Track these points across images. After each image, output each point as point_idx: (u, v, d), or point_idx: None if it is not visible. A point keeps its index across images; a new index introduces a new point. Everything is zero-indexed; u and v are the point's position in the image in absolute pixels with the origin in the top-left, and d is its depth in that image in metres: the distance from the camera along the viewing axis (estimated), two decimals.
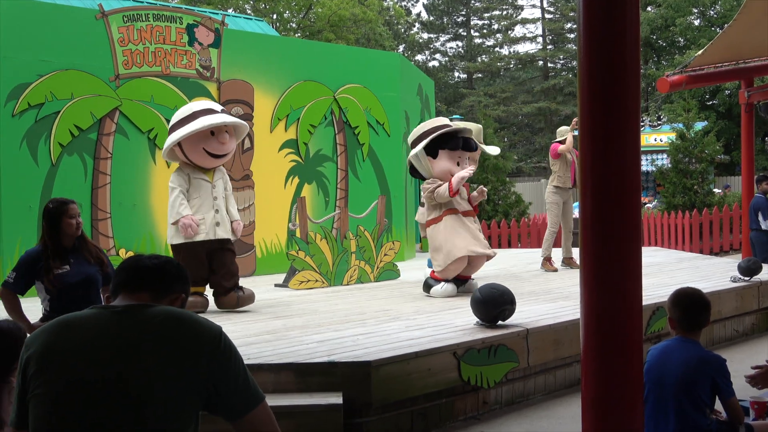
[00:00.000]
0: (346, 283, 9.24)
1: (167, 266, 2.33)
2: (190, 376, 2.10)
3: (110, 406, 2.03)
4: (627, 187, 2.76)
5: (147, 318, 2.15)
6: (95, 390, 2.04)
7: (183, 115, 7.24)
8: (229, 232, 7.25)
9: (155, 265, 2.31)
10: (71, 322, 2.17)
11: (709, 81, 13.01)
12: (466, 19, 47.88)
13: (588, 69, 2.78)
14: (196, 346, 2.13)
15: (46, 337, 2.15)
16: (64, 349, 2.10)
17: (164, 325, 2.15)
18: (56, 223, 4.70)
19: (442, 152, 8.00)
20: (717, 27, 29.99)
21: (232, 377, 2.17)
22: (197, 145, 7.11)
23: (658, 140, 24.63)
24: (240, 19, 18.47)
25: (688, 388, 3.70)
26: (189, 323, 2.18)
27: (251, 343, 5.43)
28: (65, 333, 2.14)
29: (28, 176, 8.96)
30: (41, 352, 2.11)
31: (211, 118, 7.12)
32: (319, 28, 30.18)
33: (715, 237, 16.81)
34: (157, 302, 2.24)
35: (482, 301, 5.74)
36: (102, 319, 2.16)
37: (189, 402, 2.10)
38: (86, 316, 2.18)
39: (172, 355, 2.10)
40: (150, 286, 2.27)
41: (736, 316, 7.99)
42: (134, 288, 2.25)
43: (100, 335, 2.12)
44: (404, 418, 4.98)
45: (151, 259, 2.33)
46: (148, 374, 2.06)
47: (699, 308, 3.86)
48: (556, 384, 6.07)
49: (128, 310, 2.17)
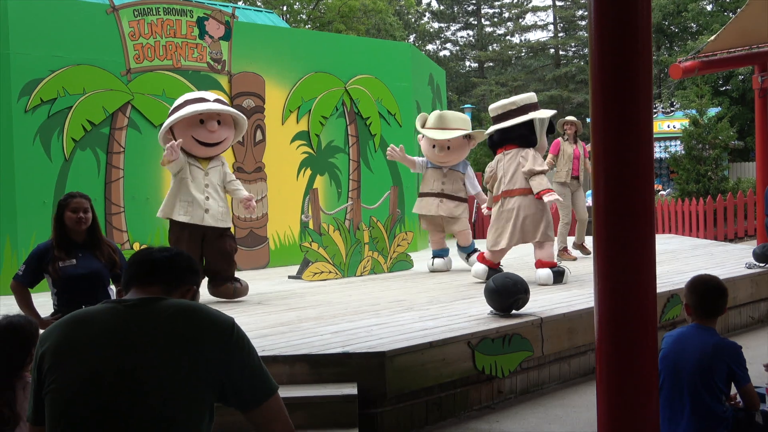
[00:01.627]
0: (359, 274, 9.25)
1: (178, 258, 2.33)
2: (203, 367, 2.10)
3: (125, 399, 2.04)
4: (640, 174, 2.75)
5: (159, 310, 2.16)
6: (110, 383, 2.05)
7: (177, 103, 7.38)
8: (218, 221, 7.23)
9: (166, 257, 2.31)
10: (85, 317, 2.18)
11: (722, 66, 12.89)
12: (477, 8, 47.67)
13: (600, 56, 2.76)
14: (209, 337, 2.14)
15: (61, 332, 2.15)
16: (79, 343, 2.11)
17: (177, 317, 2.15)
18: (60, 216, 4.75)
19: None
20: (730, 12, 29.76)
21: (245, 368, 2.17)
22: (186, 133, 7.21)
23: (671, 127, 24.49)
24: (250, 11, 18.45)
25: (704, 375, 3.69)
26: (201, 315, 2.18)
27: (265, 335, 5.45)
28: (79, 328, 2.15)
29: (41, 171, 9.01)
30: (56, 347, 2.12)
31: (198, 106, 7.22)
32: (330, 19, 30.12)
33: (730, 223, 16.71)
34: (169, 295, 2.25)
35: (496, 290, 5.74)
36: (115, 313, 2.16)
37: (203, 393, 2.11)
38: (99, 310, 2.19)
39: (185, 347, 2.10)
40: (162, 279, 2.27)
41: (751, 303, 7.95)
42: (146, 281, 2.26)
43: (114, 329, 2.12)
44: (419, 408, 4.99)
45: (161, 252, 2.33)
46: (162, 367, 2.07)
47: (716, 295, 3.84)
48: (571, 373, 6.07)
49: (140, 304, 2.18)
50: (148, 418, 2.04)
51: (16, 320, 3.36)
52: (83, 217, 4.74)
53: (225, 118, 7.38)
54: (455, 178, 9.37)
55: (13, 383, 3.22)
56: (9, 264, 8.67)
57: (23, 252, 8.63)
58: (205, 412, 2.13)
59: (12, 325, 3.32)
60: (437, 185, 9.32)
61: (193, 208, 7.13)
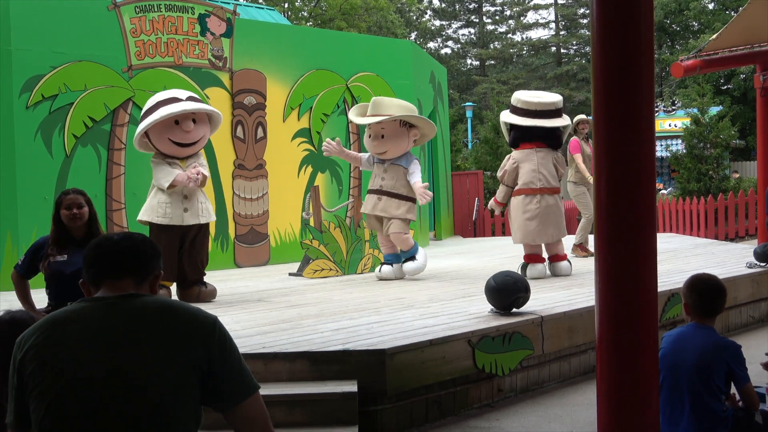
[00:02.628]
0: (360, 271, 9.25)
1: (142, 246, 2.28)
2: (189, 365, 2.11)
3: (117, 397, 2.04)
4: (642, 173, 2.75)
5: (142, 307, 2.15)
6: (100, 382, 2.04)
7: (148, 106, 7.11)
8: (198, 217, 7.03)
9: (130, 247, 2.26)
10: (63, 318, 2.16)
11: (723, 65, 12.89)
12: (478, 6, 47.63)
13: (602, 54, 2.76)
14: (192, 334, 2.14)
15: (40, 334, 2.13)
16: (63, 344, 2.09)
17: (161, 314, 2.15)
18: (56, 214, 4.80)
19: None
20: (731, 10, 29.72)
21: (226, 366, 2.17)
22: (162, 135, 6.97)
23: (672, 125, 24.47)
24: (251, 8, 18.42)
25: (703, 375, 3.69)
26: (184, 313, 2.18)
27: (266, 332, 5.45)
28: (59, 329, 2.13)
29: (42, 168, 9.01)
30: (38, 350, 2.10)
31: (170, 108, 6.94)
32: (331, 17, 30.10)
33: (731, 223, 16.71)
34: (140, 285, 2.23)
35: (496, 288, 5.73)
36: (94, 311, 2.15)
37: (188, 391, 2.11)
38: (77, 310, 2.17)
39: (169, 344, 2.10)
40: (131, 271, 2.23)
41: (751, 302, 7.94)
42: (115, 276, 2.22)
43: (95, 328, 2.11)
44: (419, 406, 4.99)
45: (122, 241, 2.27)
46: (146, 365, 2.06)
47: (715, 294, 3.84)
48: (571, 371, 6.07)
49: (119, 302, 2.16)
50: (141, 416, 2.04)
51: (18, 315, 3.38)
52: (77, 212, 4.77)
53: (199, 116, 7.12)
54: (397, 173, 8.35)
55: None
56: (9, 259, 8.67)
57: (24, 248, 8.61)
58: (194, 411, 2.14)
59: (14, 319, 3.34)
60: (377, 181, 8.43)
61: (173, 209, 6.91)
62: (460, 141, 23.30)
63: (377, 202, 8.35)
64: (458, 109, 34.37)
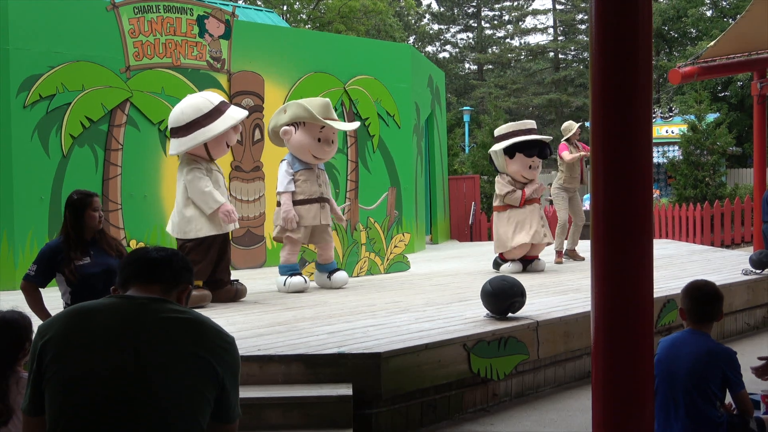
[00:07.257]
0: (356, 274, 9.25)
1: (175, 258, 2.38)
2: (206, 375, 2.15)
3: (127, 395, 2.07)
4: (639, 179, 2.75)
5: (168, 313, 2.20)
6: (113, 378, 2.07)
7: (206, 109, 7.09)
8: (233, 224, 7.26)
9: (163, 257, 2.35)
10: (89, 310, 2.21)
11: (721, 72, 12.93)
12: (477, 10, 47.67)
13: (600, 60, 2.77)
14: (216, 350, 2.20)
15: (64, 323, 2.18)
16: (84, 336, 2.14)
17: (188, 324, 2.21)
18: (80, 215, 4.70)
19: (518, 155, 8.99)
20: (729, 18, 29.77)
21: (233, 387, 2.25)
22: (221, 138, 7.15)
23: (669, 132, 24.51)
24: (250, 10, 18.44)
25: (699, 381, 3.69)
26: (210, 329, 2.25)
27: (262, 335, 5.45)
28: (84, 320, 2.17)
29: (39, 168, 8.99)
30: (60, 338, 2.14)
31: (239, 112, 7.29)
32: (330, 19, 30.09)
33: (727, 229, 16.73)
34: (167, 294, 2.29)
35: (492, 293, 5.74)
36: (122, 308, 2.20)
37: (204, 397, 2.15)
38: (105, 304, 2.22)
39: (194, 353, 2.15)
40: (161, 279, 2.31)
41: (747, 309, 7.95)
42: (146, 280, 2.29)
43: (121, 324, 2.16)
44: (414, 409, 4.99)
45: (158, 251, 2.38)
46: (172, 368, 2.11)
47: (711, 300, 3.84)
48: (566, 376, 6.07)
49: (149, 303, 2.22)
50: (155, 417, 2.06)
51: (9, 315, 3.39)
52: (102, 215, 4.79)
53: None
54: (325, 178, 8.29)
55: (6, 377, 3.25)
56: (6, 260, 8.66)
57: (20, 248, 8.63)
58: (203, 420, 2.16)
59: (5, 320, 3.35)
60: (314, 188, 7.96)
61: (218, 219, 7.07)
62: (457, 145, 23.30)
63: (321, 209, 8.01)
64: (456, 113, 34.40)
